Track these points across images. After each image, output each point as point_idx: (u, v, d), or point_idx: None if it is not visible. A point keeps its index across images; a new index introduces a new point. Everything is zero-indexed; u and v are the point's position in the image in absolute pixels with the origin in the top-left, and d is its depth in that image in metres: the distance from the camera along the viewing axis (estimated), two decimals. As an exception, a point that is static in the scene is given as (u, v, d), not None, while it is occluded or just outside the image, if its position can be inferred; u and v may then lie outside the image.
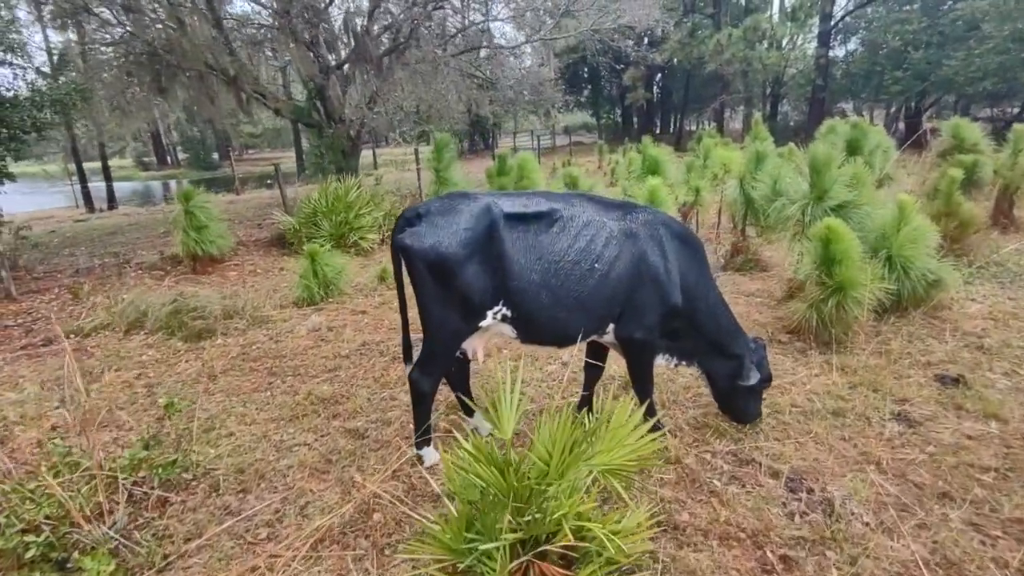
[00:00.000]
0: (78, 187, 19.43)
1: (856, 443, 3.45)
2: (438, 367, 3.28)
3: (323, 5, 12.86)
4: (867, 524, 2.77)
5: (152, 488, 2.97)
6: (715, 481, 3.14)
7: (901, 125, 27.93)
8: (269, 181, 22.18)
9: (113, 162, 51.87)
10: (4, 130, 8.23)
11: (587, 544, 2.21)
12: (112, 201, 20.01)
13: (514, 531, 2.12)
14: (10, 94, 8.50)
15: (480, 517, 2.26)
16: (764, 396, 3.76)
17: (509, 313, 3.18)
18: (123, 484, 2.75)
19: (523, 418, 2.70)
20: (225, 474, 3.36)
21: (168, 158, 50.02)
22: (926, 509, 2.86)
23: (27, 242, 9.30)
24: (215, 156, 44.77)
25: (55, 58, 14.38)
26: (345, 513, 2.93)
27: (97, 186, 20.39)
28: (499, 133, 42.10)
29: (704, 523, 2.82)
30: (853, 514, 2.82)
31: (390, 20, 14.46)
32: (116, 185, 33.77)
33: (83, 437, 2.94)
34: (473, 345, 3.52)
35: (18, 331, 6.53)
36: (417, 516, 2.62)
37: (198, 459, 3.43)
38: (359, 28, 13.76)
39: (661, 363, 3.62)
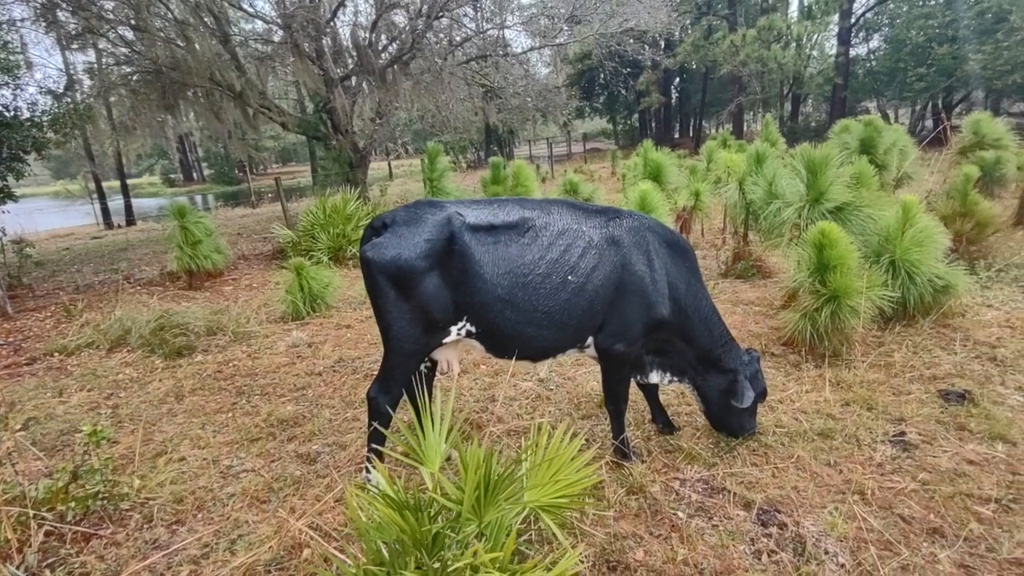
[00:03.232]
0: (99, 205, 19.82)
1: (842, 469, 3.13)
2: (397, 385, 3.07)
3: (325, 19, 12.87)
4: (842, 565, 2.45)
5: (73, 522, 2.81)
6: (679, 513, 2.85)
7: (928, 123, 27.02)
8: (273, 194, 22.46)
9: (143, 179, 53.45)
10: (4, 150, 8.32)
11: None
12: (130, 217, 20.36)
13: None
14: (10, 114, 8.61)
15: (388, 562, 2.04)
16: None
17: (473, 329, 3.00)
18: (34, 519, 2.59)
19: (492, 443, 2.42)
20: (163, 504, 3.19)
21: (194, 174, 51.27)
22: (912, 548, 2.53)
23: (30, 260, 9.38)
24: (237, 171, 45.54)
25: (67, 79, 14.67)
26: (273, 549, 2.73)
27: (118, 203, 20.77)
28: (516, 142, 42.02)
29: (659, 562, 2.54)
30: (827, 553, 2.51)
31: (396, 32, 14.46)
32: (144, 201, 34.48)
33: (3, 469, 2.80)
34: (447, 357, 3.32)
35: (6, 350, 6.52)
36: (339, 556, 2.40)
37: (138, 487, 3.27)
38: (363, 40, 13.75)
39: (655, 380, 3.42)
